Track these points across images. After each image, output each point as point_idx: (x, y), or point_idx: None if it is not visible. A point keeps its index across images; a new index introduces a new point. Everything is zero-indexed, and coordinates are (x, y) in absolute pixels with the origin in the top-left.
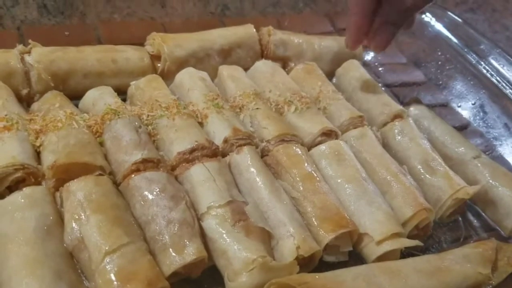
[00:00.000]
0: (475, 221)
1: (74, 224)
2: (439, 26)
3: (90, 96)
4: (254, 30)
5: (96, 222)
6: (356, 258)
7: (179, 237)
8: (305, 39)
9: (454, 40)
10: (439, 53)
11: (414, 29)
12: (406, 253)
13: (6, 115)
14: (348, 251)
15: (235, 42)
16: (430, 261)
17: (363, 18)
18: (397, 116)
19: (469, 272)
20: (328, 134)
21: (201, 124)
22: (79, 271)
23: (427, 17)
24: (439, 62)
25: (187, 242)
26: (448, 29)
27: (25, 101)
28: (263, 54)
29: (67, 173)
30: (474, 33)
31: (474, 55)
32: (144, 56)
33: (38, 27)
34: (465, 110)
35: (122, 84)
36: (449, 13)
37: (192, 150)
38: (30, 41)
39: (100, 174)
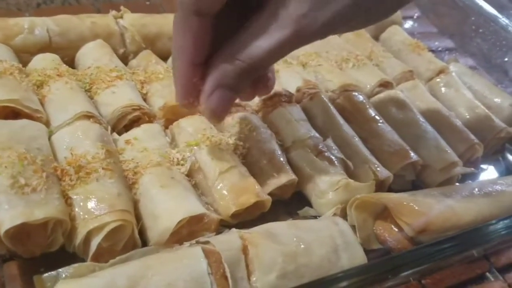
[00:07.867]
0: None
1: (189, 152)
2: None
3: None
4: None
5: (208, 149)
6: (418, 187)
7: (273, 164)
8: None
9: (485, 7)
10: (469, 21)
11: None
12: None
13: (116, 66)
14: (411, 181)
15: None
16: (483, 184)
17: (188, 66)
18: (441, 72)
19: None
20: (385, 86)
21: None
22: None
23: None
24: (469, 30)
25: (281, 168)
26: None
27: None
28: None
29: (173, 113)
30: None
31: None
32: None
33: (113, 3)
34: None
35: None
36: None
37: (272, 97)
38: (121, 7)
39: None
